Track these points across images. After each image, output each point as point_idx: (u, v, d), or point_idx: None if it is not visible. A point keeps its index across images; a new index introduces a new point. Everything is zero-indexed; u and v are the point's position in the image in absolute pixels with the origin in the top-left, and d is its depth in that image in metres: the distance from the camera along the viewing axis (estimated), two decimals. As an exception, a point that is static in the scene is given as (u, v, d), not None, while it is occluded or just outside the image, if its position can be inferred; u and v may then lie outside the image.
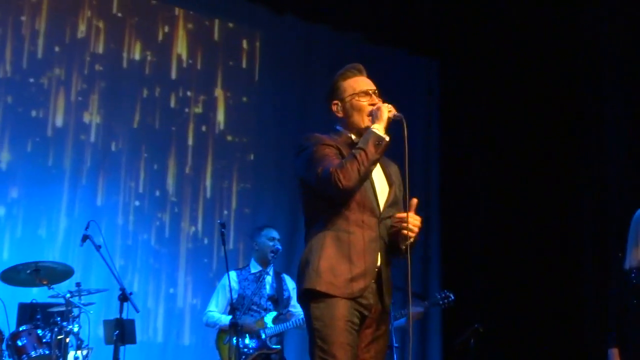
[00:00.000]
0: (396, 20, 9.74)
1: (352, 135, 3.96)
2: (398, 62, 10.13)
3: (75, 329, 6.31)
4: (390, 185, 3.92)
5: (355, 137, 3.93)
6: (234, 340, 5.99)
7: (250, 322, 6.40)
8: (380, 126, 3.77)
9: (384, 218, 3.82)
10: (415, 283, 9.30)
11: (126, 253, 8.30)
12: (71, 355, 6.32)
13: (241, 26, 9.51)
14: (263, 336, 6.41)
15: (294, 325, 6.47)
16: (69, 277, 6.56)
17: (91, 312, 6.47)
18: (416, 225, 3.74)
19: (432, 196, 9.76)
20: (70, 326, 6.26)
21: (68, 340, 6.24)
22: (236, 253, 8.78)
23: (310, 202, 3.85)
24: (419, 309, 6.80)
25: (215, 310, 6.63)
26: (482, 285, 9.34)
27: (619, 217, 8.04)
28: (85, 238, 6.26)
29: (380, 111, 3.82)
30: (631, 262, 5.46)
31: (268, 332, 6.43)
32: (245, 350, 6.31)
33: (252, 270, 6.70)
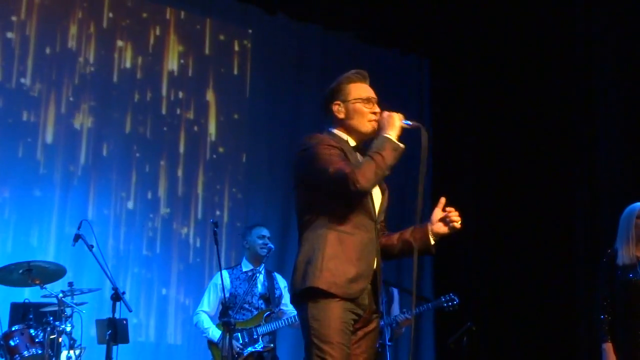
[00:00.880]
0: (388, 20, 9.75)
1: (350, 138, 3.98)
2: (390, 62, 10.16)
3: (68, 328, 6.32)
4: (382, 192, 3.98)
5: (352, 141, 3.96)
6: (227, 340, 5.99)
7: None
8: (394, 133, 3.82)
9: (378, 222, 3.89)
10: (407, 281, 9.33)
11: (118, 254, 8.30)
12: (64, 354, 6.32)
13: (233, 26, 9.51)
14: (255, 335, 6.42)
15: (286, 323, 6.48)
16: (62, 277, 6.55)
17: (84, 312, 6.47)
18: (458, 216, 3.96)
19: (424, 195, 9.76)
20: (62, 326, 6.26)
21: (61, 339, 6.25)
22: (228, 253, 8.78)
23: (310, 201, 3.84)
24: (406, 316, 6.86)
25: (208, 309, 6.63)
26: (475, 284, 9.37)
27: (610, 214, 8.06)
28: (77, 237, 6.25)
29: (393, 119, 3.87)
30: (623, 259, 5.51)
31: (260, 331, 6.44)
32: (238, 349, 6.31)
33: (244, 269, 6.71)
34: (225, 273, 6.62)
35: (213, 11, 9.34)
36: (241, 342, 6.36)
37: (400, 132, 3.85)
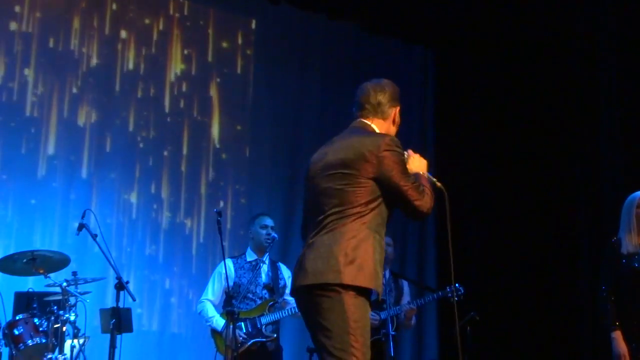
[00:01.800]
0: (392, 10, 9.73)
1: None
2: (393, 52, 10.15)
3: (72, 317, 6.34)
4: None
5: None
6: (230, 329, 6.00)
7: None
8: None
9: None
10: (411, 271, 9.34)
11: (121, 246, 8.32)
12: (68, 343, 6.34)
13: (236, 16, 9.50)
14: (259, 324, 6.43)
15: (289, 313, 6.48)
16: (65, 266, 6.57)
17: (87, 301, 6.47)
18: None
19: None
20: (66, 315, 6.28)
21: (65, 329, 6.27)
22: (233, 244, 8.78)
23: (371, 198, 3.86)
24: (412, 306, 6.89)
25: (212, 297, 6.64)
26: (479, 273, 9.36)
27: (613, 202, 8.06)
28: (81, 227, 6.25)
29: (425, 164, 4.11)
30: (627, 248, 5.57)
31: (264, 321, 6.45)
32: (241, 338, 6.31)
33: (248, 259, 6.71)
34: (229, 262, 6.62)
35: (216, 1, 9.33)
36: (245, 332, 6.37)
37: None
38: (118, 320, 6.02)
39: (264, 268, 6.69)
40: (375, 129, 4.06)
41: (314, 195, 3.97)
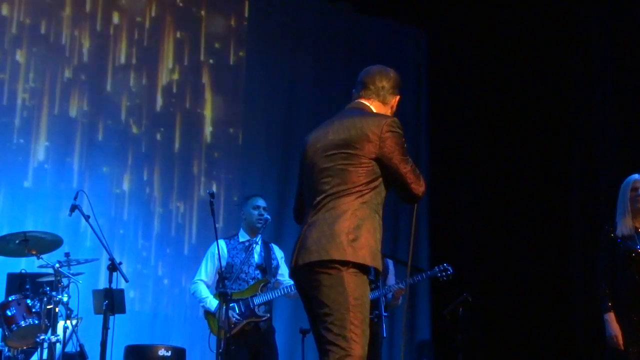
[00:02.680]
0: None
1: None
2: (387, 33, 10.12)
3: (65, 298, 6.32)
4: None
5: None
6: (223, 310, 6.00)
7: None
8: None
9: None
10: (402, 253, 9.34)
11: (114, 226, 8.32)
12: (61, 324, 6.33)
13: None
14: (252, 305, 6.43)
15: (282, 293, 6.49)
16: (58, 247, 6.55)
17: (80, 282, 6.46)
18: None
19: (421, 166, 9.78)
20: (59, 296, 6.26)
21: (57, 310, 6.25)
22: (226, 225, 8.78)
23: (373, 177, 3.88)
24: (400, 285, 6.86)
25: (205, 278, 6.64)
26: (471, 254, 9.39)
27: (607, 184, 8.08)
28: (74, 208, 6.23)
29: None
30: (622, 231, 5.62)
31: (257, 301, 6.45)
32: (234, 319, 6.32)
33: (241, 239, 6.71)
34: (222, 242, 6.61)
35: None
36: (238, 312, 6.38)
37: None
38: (111, 302, 6.02)
39: (257, 249, 6.69)
40: (374, 110, 4.07)
41: (313, 175, 3.96)
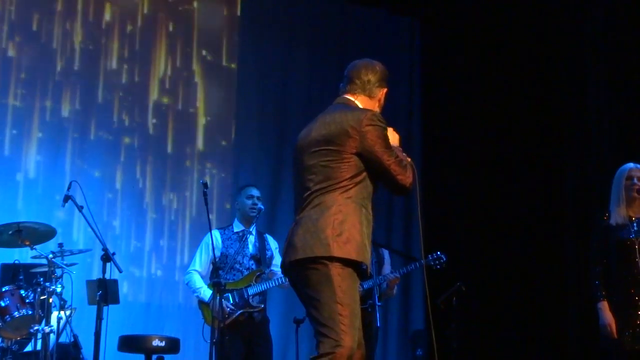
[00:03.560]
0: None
1: None
2: (379, 23, 10.10)
3: (59, 289, 6.31)
4: None
5: None
6: (217, 300, 6.00)
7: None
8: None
9: None
10: (397, 242, 9.35)
11: (108, 217, 8.32)
12: (54, 315, 6.32)
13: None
14: (246, 295, 6.43)
15: (276, 284, 6.49)
16: (51, 238, 6.55)
17: (74, 273, 6.46)
18: None
19: (414, 155, 9.78)
20: (53, 286, 6.25)
21: (51, 300, 6.24)
22: (219, 216, 8.78)
23: (357, 172, 3.90)
24: (395, 274, 6.85)
25: (199, 268, 6.63)
26: (465, 243, 9.39)
27: (600, 175, 8.09)
28: (67, 198, 6.22)
29: (397, 138, 4.14)
30: (617, 220, 5.62)
31: (251, 291, 6.46)
32: (229, 309, 6.32)
33: (235, 230, 6.71)
34: (216, 233, 6.62)
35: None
36: (232, 303, 6.38)
37: None
38: (104, 292, 6.01)
39: (251, 239, 6.69)
40: (359, 105, 4.09)
41: (300, 172, 4.01)
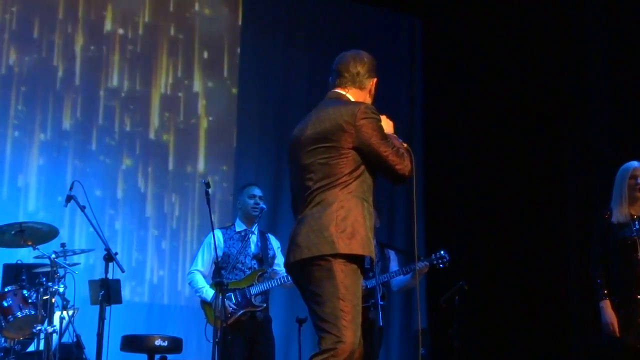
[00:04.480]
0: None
1: None
2: (381, 21, 10.10)
3: (61, 289, 6.33)
4: None
5: None
6: (219, 300, 6.00)
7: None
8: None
9: None
10: (399, 241, 9.35)
11: (110, 217, 8.32)
12: (57, 315, 6.33)
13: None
14: (248, 294, 6.44)
15: (278, 283, 6.49)
16: (54, 238, 6.55)
17: (76, 273, 6.46)
18: None
19: (416, 154, 9.74)
20: (55, 286, 6.26)
21: (54, 300, 6.26)
22: (221, 216, 8.77)
23: (356, 166, 3.91)
24: (425, 263, 6.76)
25: (202, 268, 6.64)
26: (467, 242, 9.39)
27: (602, 173, 8.08)
28: (69, 198, 6.23)
29: (391, 126, 4.17)
30: (618, 218, 5.61)
31: (253, 291, 6.46)
32: (231, 309, 6.32)
33: (237, 229, 6.70)
34: (218, 232, 6.63)
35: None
36: (234, 302, 6.38)
37: None
38: (107, 292, 6.01)
39: (253, 238, 6.69)
40: (351, 98, 4.09)
41: (298, 171, 4.01)
